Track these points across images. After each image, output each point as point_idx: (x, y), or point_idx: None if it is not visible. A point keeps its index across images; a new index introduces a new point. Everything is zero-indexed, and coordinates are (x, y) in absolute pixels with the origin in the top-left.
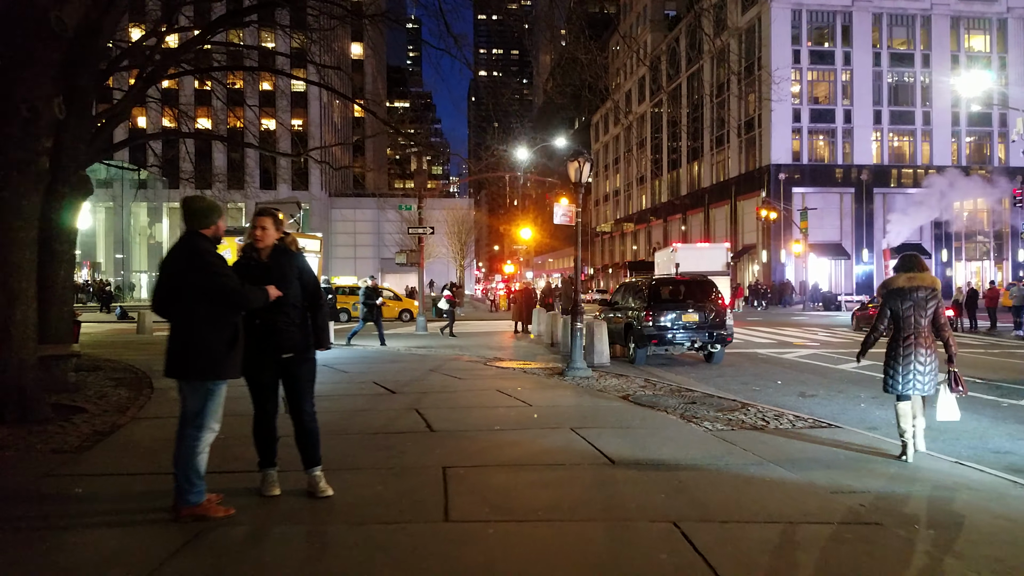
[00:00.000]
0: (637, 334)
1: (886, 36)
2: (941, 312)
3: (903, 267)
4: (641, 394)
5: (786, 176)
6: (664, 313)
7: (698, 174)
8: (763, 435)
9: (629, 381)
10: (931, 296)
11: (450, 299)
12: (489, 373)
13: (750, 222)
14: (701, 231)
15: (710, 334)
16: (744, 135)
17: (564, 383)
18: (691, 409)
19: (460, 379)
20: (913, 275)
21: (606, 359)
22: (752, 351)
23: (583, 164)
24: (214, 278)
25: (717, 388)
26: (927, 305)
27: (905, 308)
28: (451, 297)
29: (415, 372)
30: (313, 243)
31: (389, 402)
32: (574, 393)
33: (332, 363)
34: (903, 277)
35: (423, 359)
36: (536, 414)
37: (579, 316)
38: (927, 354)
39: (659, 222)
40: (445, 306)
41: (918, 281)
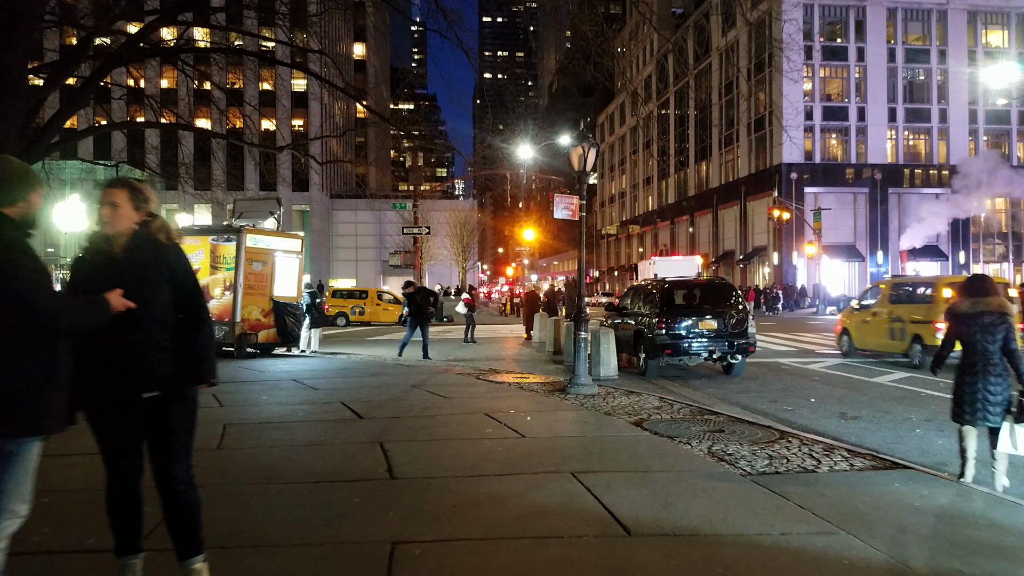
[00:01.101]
0: (648, 343)
1: (901, 31)
2: (1013, 337)
3: (968, 290)
4: (657, 419)
5: (798, 176)
6: (679, 320)
7: (706, 174)
8: (817, 481)
9: (641, 400)
10: (999, 321)
11: (468, 303)
12: (480, 390)
13: (760, 223)
14: (709, 233)
15: (730, 344)
16: (754, 134)
17: (566, 403)
18: (720, 441)
19: (444, 398)
20: (977, 299)
21: (613, 371)
22: (773, 360)
23: (588, 151)
24: (14, 282)
25: (743, 408)
26: (995, 330)
27: (971, 334)
28: (469, 301)
29: (394, 389)
30: (292, 243)
31: (352, 431)
32: (577, 417)
33: (305, 376)
34: (967, 301)
35: (409, 372)
36: (529, 449)
37: (583, 324)
38: (997, 382)
39: (666, 224)
40: (463, 310)
41: (982, 306)
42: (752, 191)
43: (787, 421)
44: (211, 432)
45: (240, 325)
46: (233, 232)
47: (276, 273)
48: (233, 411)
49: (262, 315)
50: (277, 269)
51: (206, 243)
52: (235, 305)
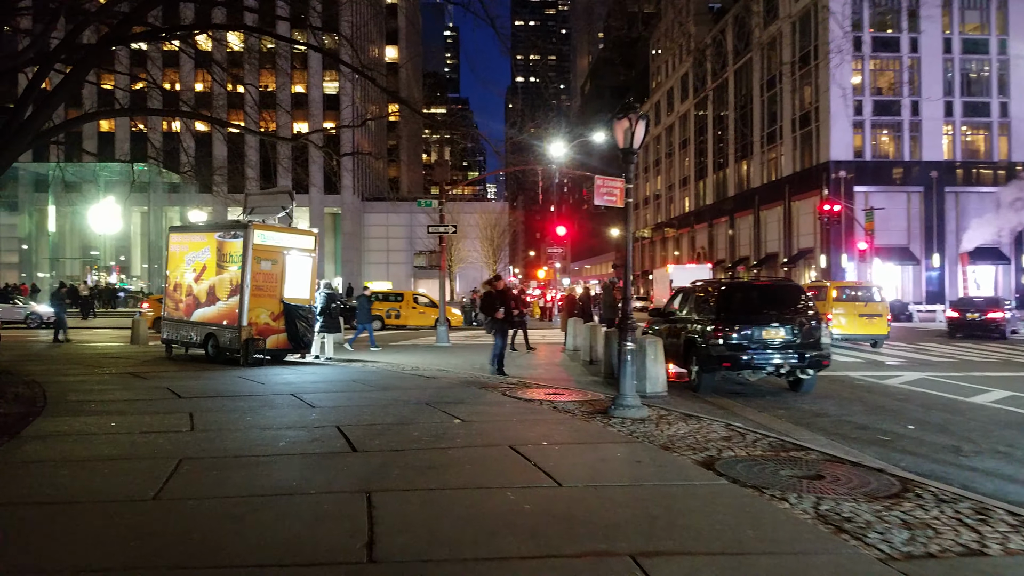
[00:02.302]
0: (703, 355)
1: (957, 20)
2: None
3: None
4: (731, 457)
5: (847, 174)
6: (739, 328)
7: (747, 174)
8: (990, 568)
9: (703, 427)
10: None
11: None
12: (505, 411)
13: (806, 224)
14: (751, 234)
15: (800, 356)
16: (799, 130)
17: (611, 431)
18: (825, 494)
19: (462, 422)
20: None
21: (662, 387)
22: (842, 374)
23: (635, 124)
24: None
25: (829, 437)
26: None
27: None
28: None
29: (404, 408)
30: (305, 240)
31: (337, 472)
32: (628, 454)
33: (306, 390)
34: None
35: (426, 384)
36: (569, 507)
37: (629, 333)
38: None
39: (703, 226)
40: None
41: None
42: (797, 190)
43: (893, 459)
44: (158, 471)
45: (247, 330)
46: (240, 228)
47: (287, 273)
48: (202, 438)
49: (271, 318)
50: (288, 268)
51: (212, 240)
52: (241, 307)
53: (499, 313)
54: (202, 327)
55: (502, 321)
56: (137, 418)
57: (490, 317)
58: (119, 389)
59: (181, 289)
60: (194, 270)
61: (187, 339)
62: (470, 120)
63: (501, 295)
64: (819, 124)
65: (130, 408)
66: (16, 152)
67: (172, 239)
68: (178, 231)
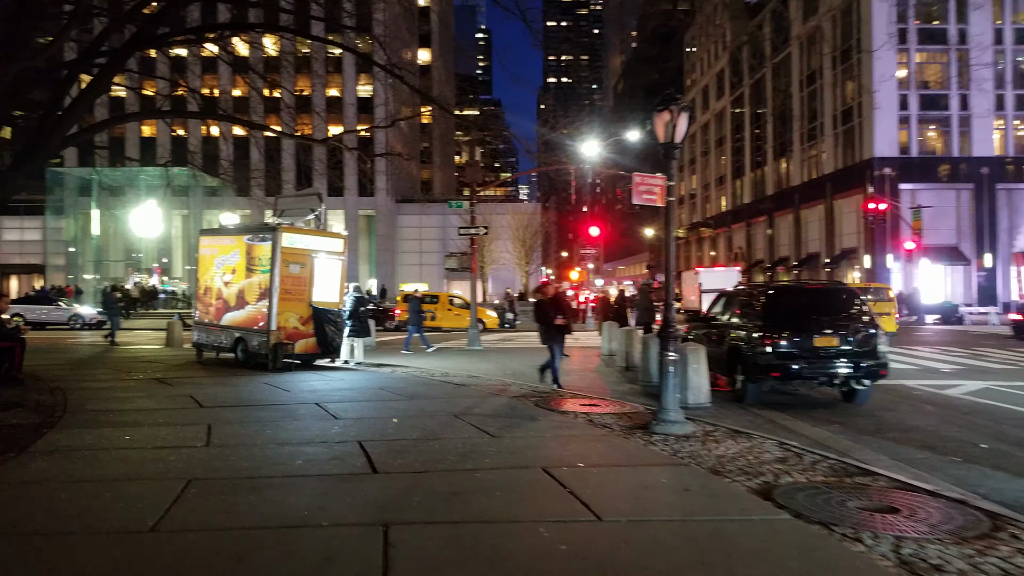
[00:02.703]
0: (750, 363)
1: (1009, 10)
2: None
3: None
4: (790, 484)
5: (892, 171)
6: (789, 335)
7: (786, 172)
8: None
9: (754, 445)
10: None
11: None
12: (539, 425)
13: (849, 223)
14: (790, 234)
15: (856, 366)
16: (841, 126)
17: (653, 450)
18: (905, 533)
19: (492, 437)
20: None
21: (705, 398)
22: (897, 383)
23: (677, 116)
24: None
25: (894, 458)
26: None
27: None
28: None
29: (431, 421)
30: (334, 243)
31: (353, 499)
32: (673, 479)
33: (332, 399)
34: None
35: (454, 393)
36: (611, 548)
37: (672, 341)
38: None
39: (741, 225)
40: None
41: None
42: (839, 188)
43: (970, 484)
44: (162, 495)
45: (275, 334)
46: (268, 230)
47: (316, 276)
48: (215, 456)
49: (300, 322)
50: (317, 271)
51: (241, 243)
52: (270, 312)
53: (559, 320)
54: (232, 331)
55: (559, 330)
56: (153, 430)
57: (545, 326)
58: (142, 397)
59: (211, 292)
60: (224, 273)
61: (217, 343)
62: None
63: (555, 302)
64: (862, 120)
65: (148, 419)
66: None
67: (202, 242)
68: (208, 234)
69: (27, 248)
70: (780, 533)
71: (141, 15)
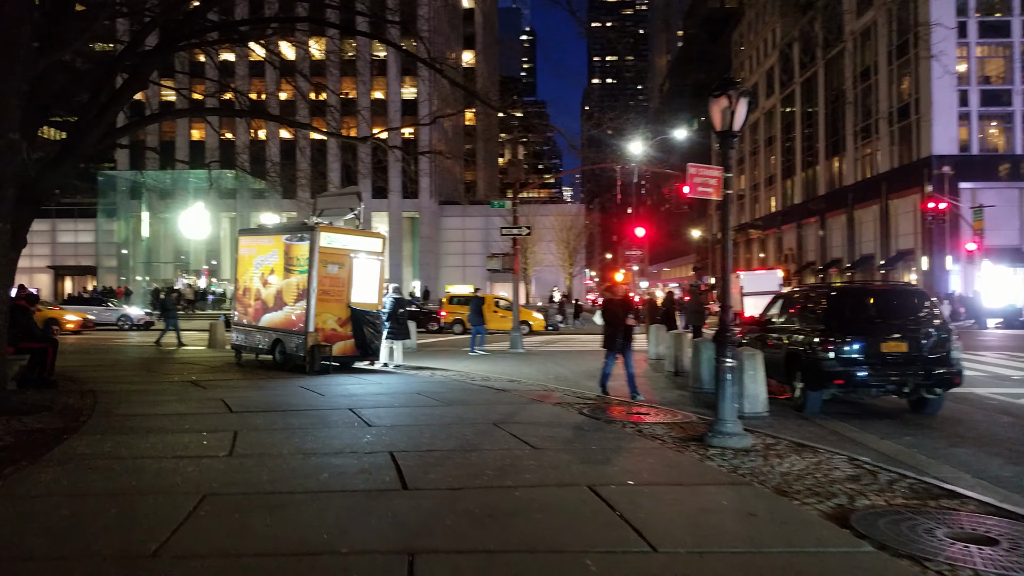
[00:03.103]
0: (810, 370)
1: None
2: None
3: None
4: (867, 507)
5: (951, 169)
6: (854, 339)
7: (839, 171)
8: None
9: (822, 461)
10: None
11: None
12: (584, 436)
13: (905, 224)
14: (843, 235)
15: (927, 373)
16: (897, 124)
17: (710, 466)
18: (1009, 570)
19: (533, 449)
20: None
21: (762, 406)
22: (967, 390)
23: (735, 102)
24: None
25: (977, 476)
26: None
27: None
28: None
29: (468, 429)
30: (373, 242)
31: (378, 520)
32: (736, 501)
33: (367, 404)
34: None
35: (495, 399)
36: None
37: (729, 347)
38: None
39: (791, 226)
40: (600, 321)
41: None
42: (895, 188)
43: None
44: (173, 512)
45: (313, 336)
46: (306, 230)
47: (354, 276)
48: (237, 467)
49: (338, 324)
50: (356, 272)
51: (280, 243)
52: (308, 313)
53: (631, 320)
54: (270, 332)
55: (629, 333)
56: (176, 438)
57: (613, 329)
58: (173, 400)
59: (250, 293)
60: (262, 274)
61: (255, 345)
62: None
63: (625, 303)
64: (920, 116)
65: (174, 424)
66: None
67: (241, 242)
68: (247, 234)
69: (81, 250)
70: (865, 570)
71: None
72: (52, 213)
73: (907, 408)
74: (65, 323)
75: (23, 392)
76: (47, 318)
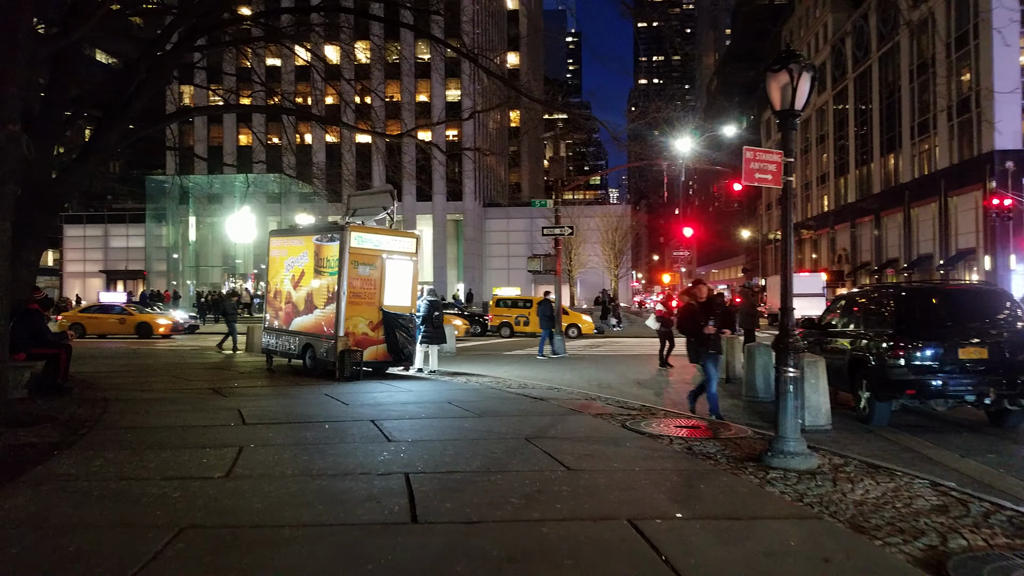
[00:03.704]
0: (878, 378)
1: None
2: None
3: None
4: (965, 551)
5: (1014, 165)
6: (927, 344)
7: (895, 168)
8: None
9: (900, 487)
10: None
11: (664, 316)
12: (625, 454)
13: (966, 222)
14: (899, 234)
15: (1011, 381)
16: (956, 118)
17: (771, 493)
18: None
19: (567, 471)
20: None
21: (824, 419)
22: None
23: (798, 77)
24: None
25: None
26: None
27: None
28: (665, 314)
29: (497, 445)
30: (406, 242)
31: (375, 564)
32: (805, 541)
33: (391, 415)
34: None
35: (530, 409)
36: None
37: (791, 354)
38: None
39: (844, 226)
40: (655, 325)
41: None
42: (954, 185)
43: None
44: (136, 552)
45: (343, 340)
46: (336, 230)
47: (387, 278)
48: (230, 491)
49: (370, 328)
50: (388, 273)
51: (310, 244)
52: (338, 316)
53: (710, 327)
54: (300, 336)
55: (712, 343)
56: (175, 455)
57: (694, 338)
58: (186, 411)
59: (281, 296)
60: (293, 276)
61: (286, 349)
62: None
63: (707, 307)
64: (981, 110)
65: (177, 439)
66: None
67: (272, 243)
68: (278, 235)
69: (132, 255)
70: None
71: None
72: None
73: (985, 420)
74: (157, 327)
75: (32, 400)
76: (140, 322)
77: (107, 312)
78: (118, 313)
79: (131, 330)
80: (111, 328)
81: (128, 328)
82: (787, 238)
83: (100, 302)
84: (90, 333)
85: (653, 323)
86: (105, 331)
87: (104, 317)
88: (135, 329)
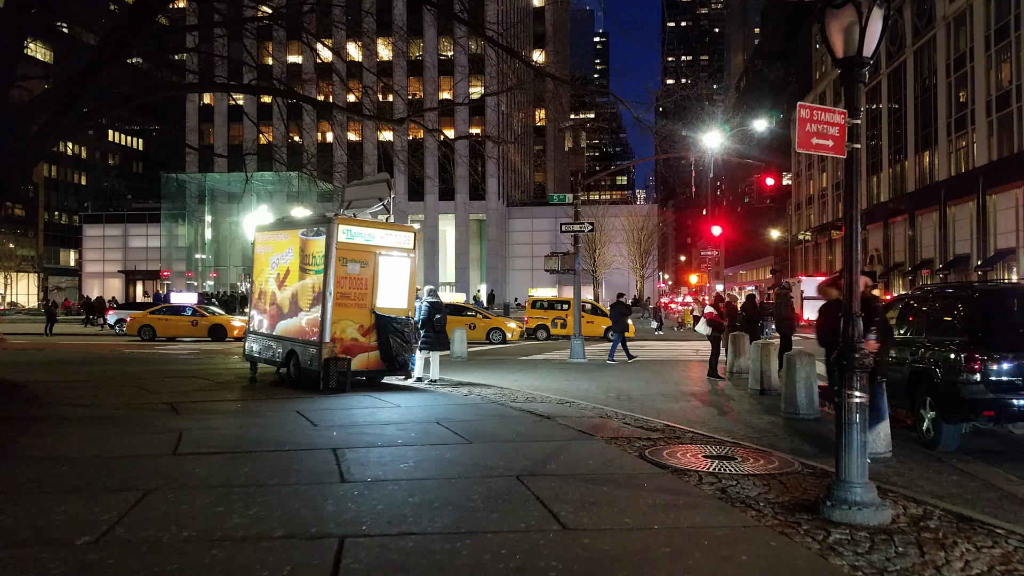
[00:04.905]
0: (948, 397)
1: None
2: None
3: None
4: None
5: None
6: (1009, 357)
7: (929, 166)
8: None
9: (1006, 554)
10: None
11: (714, 319)
12: (641, 501)
13: (1005, 221)
14: (935, 234)
15: None
16: (995, 113)
17: (838, 565)
18: None
19: (563, 530)
20: None
21: (884, 445)
22: None
23: (866, 15)
24: None
25: None
26: None
27: None
28: (715, 317)
29: (480, 487)
30: (403, 237)
31: None
32: None
33: (361, 441)
34: None
35: (532, 431)
36: None
37: (855, 375)
38: None
39: (877, 225)
40: (705, 331)
41: None
42: (993, 182)
43: None
44: None
45: (328, 347)
46: (323, 223)
47: (380, 277)
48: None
49: (360, 333)
50: (382, 272)
51: (295, 239)
52: (323, 320)
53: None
54: (285, 342)
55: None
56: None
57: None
58: (117, 434)
59: (265, 297)
60: (278, 275)
61: (270, 357)
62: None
63: (868, 305)
64: (1021, 105)
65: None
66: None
67: (257, 238)
68: (264, 229)
69: (151, 255)
70: None
71: None
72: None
73: None
74: (232, 329)
75: None
76: (214, 324)
77: (178, 313)
78: (190, 315)
79: (204, 333)
80: (183, 331)
81: (201, 331)
82: (852, 223)
83: (170, 302)
84: (160, 336)
85: (704, 328)
86: (176, 334)
87: (175, 319)
88: (208, 332)
